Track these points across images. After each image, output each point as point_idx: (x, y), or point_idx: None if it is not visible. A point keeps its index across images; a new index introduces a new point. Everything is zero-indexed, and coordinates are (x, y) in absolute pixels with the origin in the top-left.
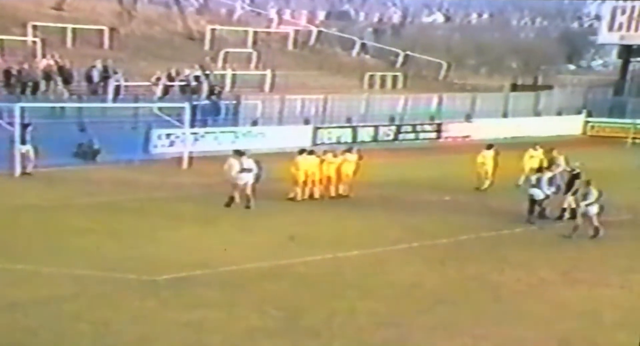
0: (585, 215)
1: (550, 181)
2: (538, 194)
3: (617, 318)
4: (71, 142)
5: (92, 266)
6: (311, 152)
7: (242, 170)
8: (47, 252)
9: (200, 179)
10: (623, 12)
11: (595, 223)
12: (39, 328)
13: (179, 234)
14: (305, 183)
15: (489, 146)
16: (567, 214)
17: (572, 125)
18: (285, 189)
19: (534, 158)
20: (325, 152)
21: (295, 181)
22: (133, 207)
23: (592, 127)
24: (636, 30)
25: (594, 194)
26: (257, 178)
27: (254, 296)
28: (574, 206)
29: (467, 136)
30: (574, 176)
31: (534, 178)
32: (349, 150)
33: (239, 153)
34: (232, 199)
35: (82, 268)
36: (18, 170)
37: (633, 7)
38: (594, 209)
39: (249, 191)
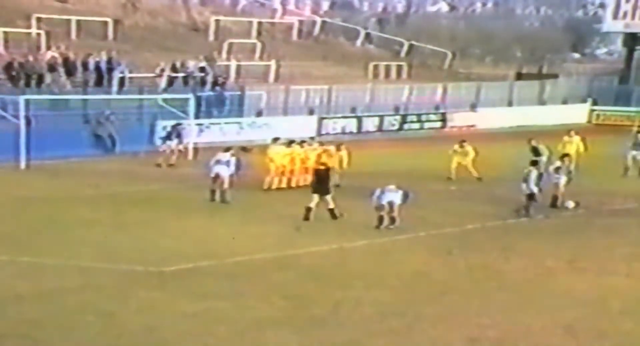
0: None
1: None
2: (523, 189)
3: (623, 306)
4: (76, 134)
5: (98, 257)
6: (290, 143)
7: (217, 162)
8: (53, 244)
9: (205, 170)
10: (627, 1)
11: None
12: (45, 320)
13: (185, 225)
14: (283, 173)
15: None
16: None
17: (578, 113)
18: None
19: (570, 145)
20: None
21: (282, 171)
22: (139, 198)
23: (598, 115)
24: None
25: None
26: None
27: (261, 287)
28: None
29: (472, 125)
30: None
31: (524, 172)
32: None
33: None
34: (212, 192)
35: (88, 260)
36: (23, 162)
37: None
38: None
39: (225, 184)
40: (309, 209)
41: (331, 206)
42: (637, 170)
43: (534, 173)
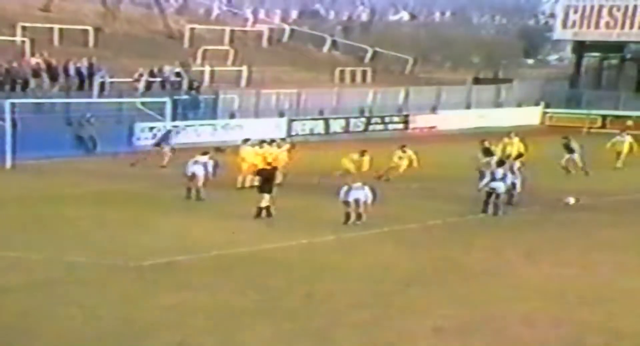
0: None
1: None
2: (499, 187)
3: (578, 296)
4: (59, 136)
5: (80, 252)
6: (262, 143)
7: (194, 163)
8: (38, 240)
9: (181, 170)
10: (576, 11)
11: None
12: (30, 311)
13: (163, 222)
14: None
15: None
16: None
17: (531, 115)
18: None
19: (510, 146)
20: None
21: (253, 170)
22: (119, 197)
23: (550, 117)
24: (588, 27)
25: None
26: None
27: (235, 280)
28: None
29: (433, 127)
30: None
31: (500, 172)
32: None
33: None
34: (189, 190)
35: (71, 255)
36: (9, 162)
37: (585, 6)
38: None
39: (200, 183)
40: (267, 208)
41: (265, 204)
42: (578, 169)
43: (509, 172)
